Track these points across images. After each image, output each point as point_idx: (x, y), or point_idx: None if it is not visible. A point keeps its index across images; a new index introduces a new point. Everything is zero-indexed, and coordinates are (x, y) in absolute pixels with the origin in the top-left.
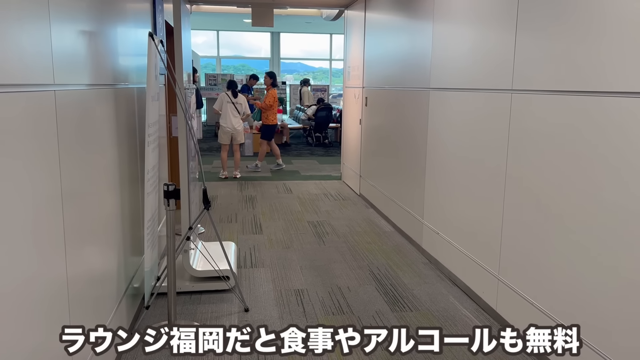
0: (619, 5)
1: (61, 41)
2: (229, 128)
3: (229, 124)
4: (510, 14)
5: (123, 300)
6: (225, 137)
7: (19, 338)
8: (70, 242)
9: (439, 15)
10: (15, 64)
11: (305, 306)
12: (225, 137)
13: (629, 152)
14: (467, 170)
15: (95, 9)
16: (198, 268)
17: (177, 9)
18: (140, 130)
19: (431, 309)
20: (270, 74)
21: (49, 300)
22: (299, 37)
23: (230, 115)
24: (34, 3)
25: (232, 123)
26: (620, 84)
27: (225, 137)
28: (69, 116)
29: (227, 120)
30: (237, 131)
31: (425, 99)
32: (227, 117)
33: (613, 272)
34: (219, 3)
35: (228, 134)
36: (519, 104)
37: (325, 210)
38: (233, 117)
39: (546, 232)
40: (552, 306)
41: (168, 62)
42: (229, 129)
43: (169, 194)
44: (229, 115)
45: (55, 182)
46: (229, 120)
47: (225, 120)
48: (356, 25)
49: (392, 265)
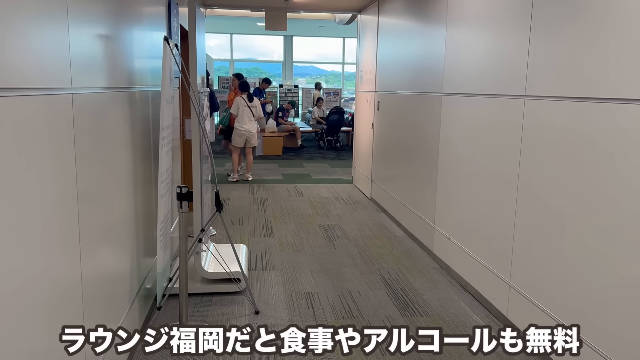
0: (636, 8)
1: (79, 45)
2: (244, 131)
3: (245, 127)
4: (524, 19)
5: (135, 301)
6: (240, 139)
7: (35, 336)
8: (84, 242)
9: (452, 20)
10: (34, 67)
11: (316, 309)
12: (240, 140)
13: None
14: (479, 176)
15: (112, 13)
16: (209, 270)
17: (192, 14)
18: (154, 133)
19: (442, 314)
20: (237, 75)
21: (64, 300)
22: (312, 40)
23: (246, 119)
24: (53, 7)
25: (247, 126)
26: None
27: (240, 139)
28: (85, 119)
29: (243, 123)
30: (252, 134)
31: (437, 104)
32: (243, 120)
33: (627, 280)
34: (233, 7)
35: (243, 137)
36: (532, 110)
37: (336, 213)
38: (248, 120)
39: (558, 238)
40: (563, 313)
41: (182, 66)
42: (244, 132)
43: (182, 196)
44: (244, 118)
45: (71, 183)
46: (245, 124)
47: (241, 124)
48: (369, 29)
49: (403, 269)
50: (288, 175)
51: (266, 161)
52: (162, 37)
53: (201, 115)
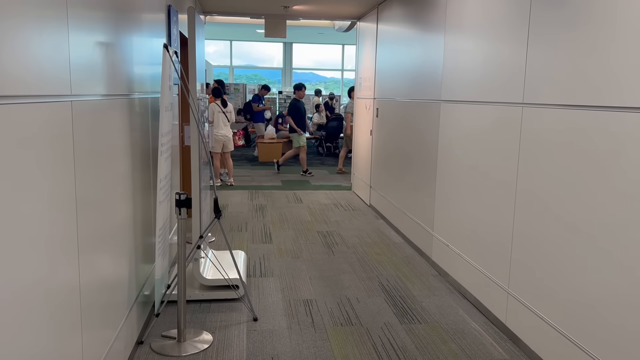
0: (635, 18)
1: (79, 52)
2: (221, 136)
3: (221, 132)
4: (521, 26)
5: (134, 308)
6: (218, 145)
7: (33, 344)
8: (83, 249)
9: (450, 27)
10: (34, 75)
11: (314, 316)
12: (218, 146)
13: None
14: (478, 183)
15: (112, 20)
16: (208, 277)
17: (192, 21)
18: (153, 139)
19: (440, 321)
20: (218, 81)
21: (62, 307)
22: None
23: (222, 124)
24: (54, 14)
25: (223, 131)
26: (636, 99)
27: (217, 145)
28: (84, 126)
29: (219, 128)
30: (228, 139)
31: (436, 111)
32: (219, 126)
33: (627, 288)
34: (232, 14)
35: (220, 142)
36: (530, 117)
37: (335, 220)
38: (224, 125)
39: (557, 246)
40: (561, 320)
41: (182, 73)
42: (221, 137)
43: (181, 202)
44: (220, 124)
45: (69, 189)
46: (221, 129)
47: (217, 129)
48: (368, 36)
49: (402, 276)
50: (287, 182)
51: (265, 167)
52: (161, 44)
53: (200, 122)
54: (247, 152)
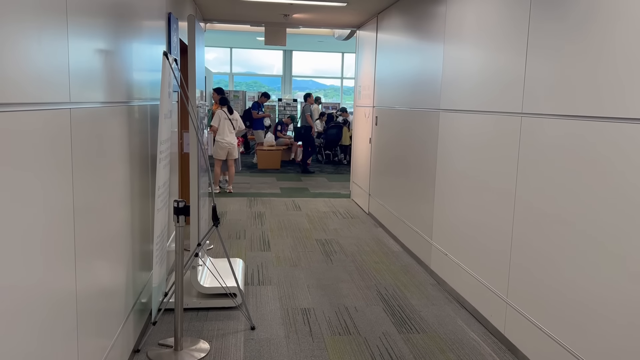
0: (635, 28)
1: (78, 59)
2: (226, 143)
3: (226, 139)
4: (520, 36)
5: (131, 316)
6: (222, 152)
7: (28, 351)
8: (80, 256)
9: (450, 37)
10: (33, 82)
11: (312, 325)
12: (222, 153)
13: (638, 178)
14: (477, 192)
15: (112, 27)
16: (205, 285)
17: (192, 29)
18: (151, 147)
19: (438, 331)
20: (217, 90)
21: (58, 314)
22: (311, 55)
23: (227, 131)
24: (53, 21)
25: (228, 138)
26: (638, 110)
27: (221, 152)
28: (82, 133)
29: (225, 135)
30: (233, 146)
31: (435, 120)
32: (224, 133)
33: (624, 299)
34: (232, 22)
35: (225, 149)
36: (528, 127)
37: (334, 228)
38: (229, 132)
39: (555, 255)
40: (559, 331)
41: (182, 81)
42: (226, 144)
43: (179, 210)
44: (225, 131)
45: (67, 197)
46: (226, 136)
47: (222, 136)
48: (368, 45)
49: (400, 285)
50: (286, 189)
51: (264, 175)
52: (161, 51)
53: (199, 130)
54: (247, 160)
